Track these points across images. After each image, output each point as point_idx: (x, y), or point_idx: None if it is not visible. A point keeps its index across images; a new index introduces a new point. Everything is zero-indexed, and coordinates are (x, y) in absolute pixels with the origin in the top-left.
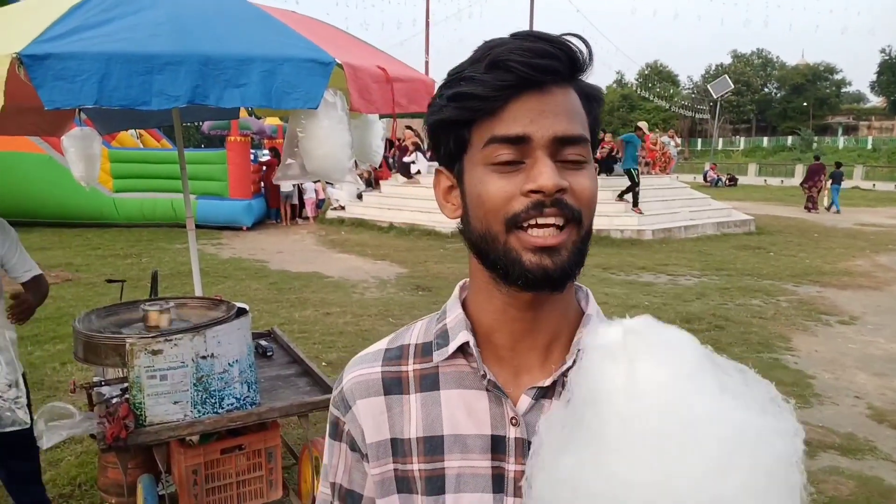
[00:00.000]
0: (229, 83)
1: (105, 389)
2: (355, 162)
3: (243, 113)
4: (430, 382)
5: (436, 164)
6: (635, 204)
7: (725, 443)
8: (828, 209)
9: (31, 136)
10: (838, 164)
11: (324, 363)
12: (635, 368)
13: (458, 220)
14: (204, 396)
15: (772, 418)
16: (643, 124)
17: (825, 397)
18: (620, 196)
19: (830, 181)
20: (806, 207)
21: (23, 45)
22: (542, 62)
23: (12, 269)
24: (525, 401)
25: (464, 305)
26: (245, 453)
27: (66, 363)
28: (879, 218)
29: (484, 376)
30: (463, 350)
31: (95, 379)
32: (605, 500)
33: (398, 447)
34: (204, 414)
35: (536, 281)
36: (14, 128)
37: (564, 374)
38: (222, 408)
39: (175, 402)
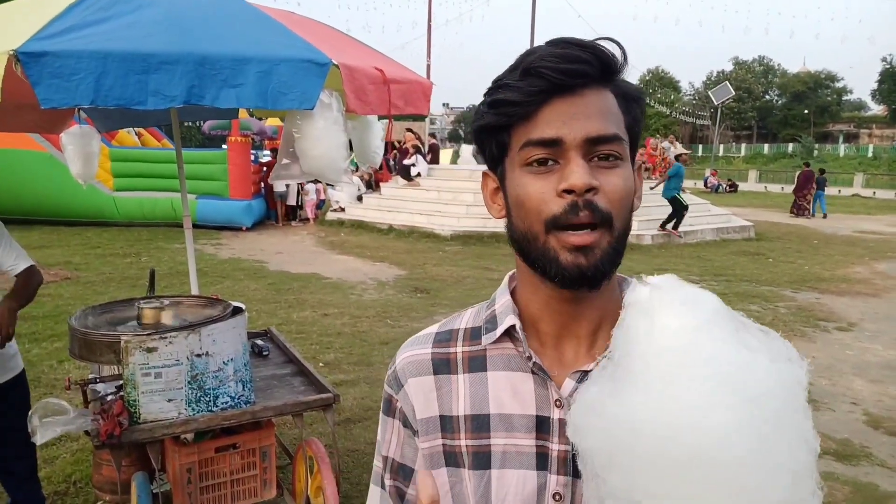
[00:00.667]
0: (225, 83)
1: (100, 386)
2: (355, 164)
3: (244, 113)
4: (478, 364)
5: (436, 166)
6: (676, 227)
7: (728, 377)
8: (817, 216)
9: (30, 133)
10: (822, 171)
11: (321, 363)
12: (657, 318)
13: (504, 219)
14: (198, 394)
15: (780, 365)
16: (686, 153)
17: (821, 403)
18: (663, 226)
19: (815, 187)
20: (792, 212)
21: (20, 41)
22: (572, 67)
23: (2, 260)
24: (569, 384)
25: (512, 294)
26: (239, 452)
27: (64, 361)
28: (879, 226)
29: (530, 358)
30: (510, 335)
31: (91, 376)
32: (621, 421)
33: (447, 424)
34: (198, 412)
35: (573, 279)
36: (14, 124)
37: None
38: (217, 406)
39: (169, 400)
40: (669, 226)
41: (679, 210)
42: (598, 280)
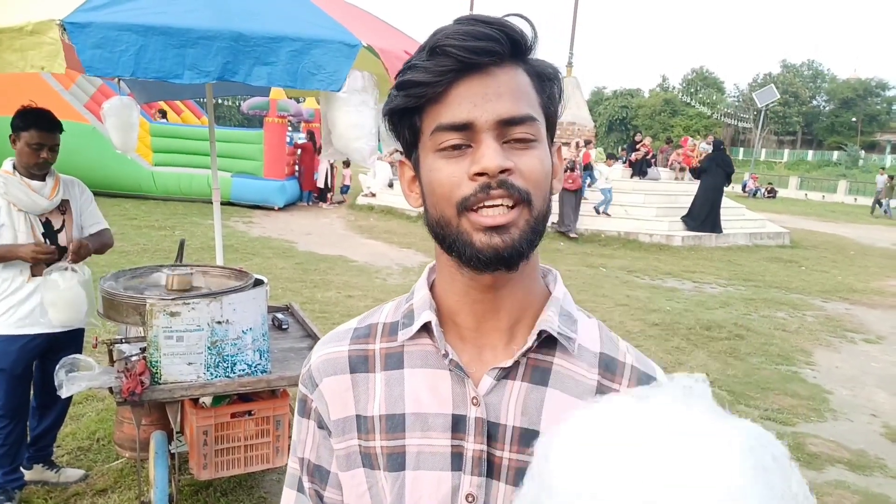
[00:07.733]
0: (258, 61)
1: (125, 347)
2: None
3: (280, 93)
4: (394, 361)
5: None
6: None
7: None
8: None
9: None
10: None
11: None
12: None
13: (421, 207)
14: (217, 360)
15: None
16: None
17: (840, 413)
18: None
19: None
20: None
21: (67, 11)
22: (479, 44)
23: (85, 220)
24: (487, 381)
25: (432, 287)
26: (254, 419)
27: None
28: None
29: (446, 356)
30: (428, 330)
31: (117, 337)
32: None
33: (362, 424)
34: (216, 377)
35: (489, 260)
36: None
37: (525, 355)
38: (234, 372)
39: (189, 364)
40: None
41: None
42: (514, 260)
